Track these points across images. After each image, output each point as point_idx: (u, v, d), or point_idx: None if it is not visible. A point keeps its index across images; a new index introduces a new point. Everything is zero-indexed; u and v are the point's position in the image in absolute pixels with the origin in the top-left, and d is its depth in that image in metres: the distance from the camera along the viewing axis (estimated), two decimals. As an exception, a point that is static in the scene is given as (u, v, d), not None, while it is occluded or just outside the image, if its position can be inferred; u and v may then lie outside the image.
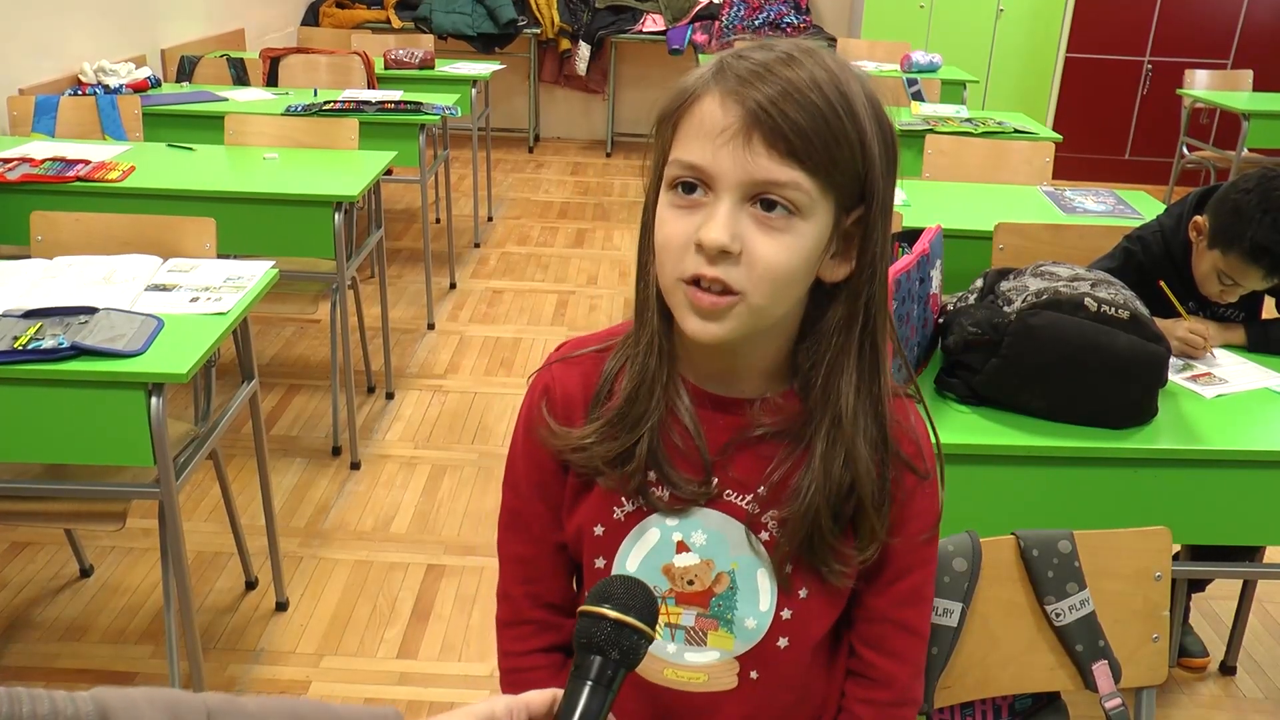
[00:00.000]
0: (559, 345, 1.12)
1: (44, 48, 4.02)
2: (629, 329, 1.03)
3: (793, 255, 0.88)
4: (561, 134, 7.84)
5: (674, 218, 0.90)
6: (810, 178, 0.86)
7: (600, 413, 1.02)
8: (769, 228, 0.88)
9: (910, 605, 1.08)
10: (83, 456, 1.98)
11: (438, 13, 6.89)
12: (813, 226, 0.89)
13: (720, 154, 0.86)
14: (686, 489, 1.01)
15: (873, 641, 1.09)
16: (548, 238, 5.52)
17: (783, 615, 1.04)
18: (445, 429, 3.50)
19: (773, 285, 0.89)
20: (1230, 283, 2.04)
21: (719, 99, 0.87)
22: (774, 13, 7.00)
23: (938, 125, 3.94)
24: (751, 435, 1.00)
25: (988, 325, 1.76)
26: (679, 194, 0.90)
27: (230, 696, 0.78)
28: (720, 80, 0.88)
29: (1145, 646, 1.31)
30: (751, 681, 1.07)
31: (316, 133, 3.54)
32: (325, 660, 2.42)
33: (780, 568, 1.02)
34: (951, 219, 2.69)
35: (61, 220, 2.48)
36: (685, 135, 0.90)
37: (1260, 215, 1.93)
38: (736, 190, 0.87)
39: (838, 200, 0.90)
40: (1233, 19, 6.81)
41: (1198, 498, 1.78)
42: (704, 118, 0.88)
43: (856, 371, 0.96)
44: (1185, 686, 2.46)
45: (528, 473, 1.09)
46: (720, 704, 1.07)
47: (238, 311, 2.11)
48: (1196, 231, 2.07)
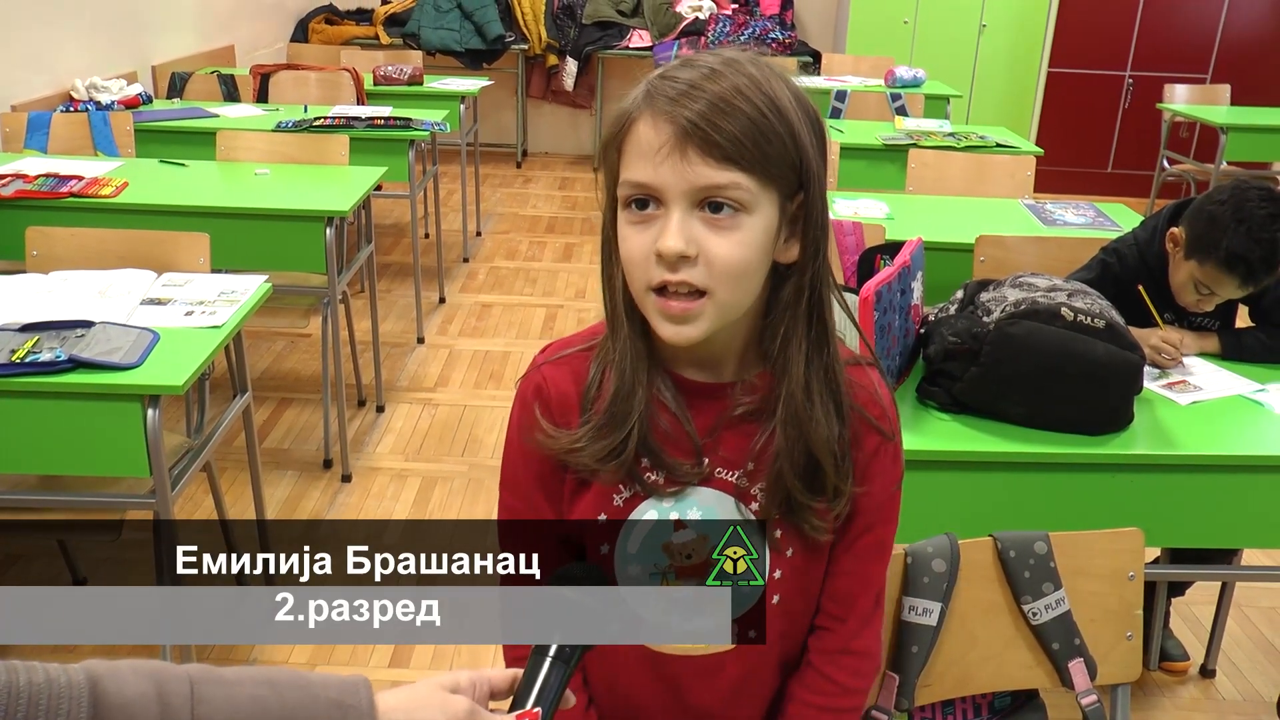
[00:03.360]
0: (544, 348, 1.17)
1: (36, 64, 4.05)
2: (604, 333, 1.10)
3: (746, 249, 0.97)
4: (549, 149, 7.89)
5: (633, 233, 0.98)
6: (748, 176, 0.95)
7: (590, 414, 1.08)
8: (720, 227, 0.96)
9: (870, 560, 1.15)
10: (79, 468, 2.01)
11: (426, 29, 6.93)
12: (759, 219, 0.97)
13: (662, 169, 0.95)
14: (679, 471, 1.08)
15: (831, 593, 1.15)
16: (536, 252, 5.56)
17: (775, 575, 1.11)
18: (435, 442, 3.53)
19: (734, 279, 0.98)
20: (1206, 292, 2.09)
21: (652, 121, 0.96)
22: (759, 28, 7.06)
23: (921, 140, 3.99)
24: (734, 415, 1.07)
25: (967, 335, 1.80)
26: (634, 211, 0.98)
27: (209, 666, 0.83)
28: (650, 103, 0.97)
29: (1120, 644, 1.35)
30: (750, 640, 1.12)
31: (307, 149, 3.57)
32: (318, 669, 2.43)
33: (770, 532, 1.09)
34: (933, 232, 2.73)
35: (57, 235, 2.51)
36: (629, 157, 0.98)
37: (1235, 225, 1.98)
38: (683, 199, 0.95)
39: (779, 190, 0.98)
40: (1211, 34, 6.90)
41: (1173, 502, 1.82)
42: (641, 139, 0.96)
43: (805, 341, 1.04)
44: (1166, 689, 2.50)
45: (526, 471, 1.14)
46: (721, 663, 1.14)
47: (232, 325, 2.14)
48: (1173, 242, 2.12)
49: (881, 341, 1.77)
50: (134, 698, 0.77)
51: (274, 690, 0.82)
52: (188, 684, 0.80)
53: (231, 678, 0.82)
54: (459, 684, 0.88)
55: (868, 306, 1.70)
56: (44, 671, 0.75)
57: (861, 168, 3.95)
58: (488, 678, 0.90)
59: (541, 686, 0.86)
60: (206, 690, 0.80)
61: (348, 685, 0.85)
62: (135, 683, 0.78)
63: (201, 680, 0.81)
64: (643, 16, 7.20)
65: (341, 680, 0.85)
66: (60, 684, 0.74)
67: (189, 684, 0.80)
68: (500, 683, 0.90)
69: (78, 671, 0.76)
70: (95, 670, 0.77)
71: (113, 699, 0.76)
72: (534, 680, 0.86)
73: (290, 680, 0.84)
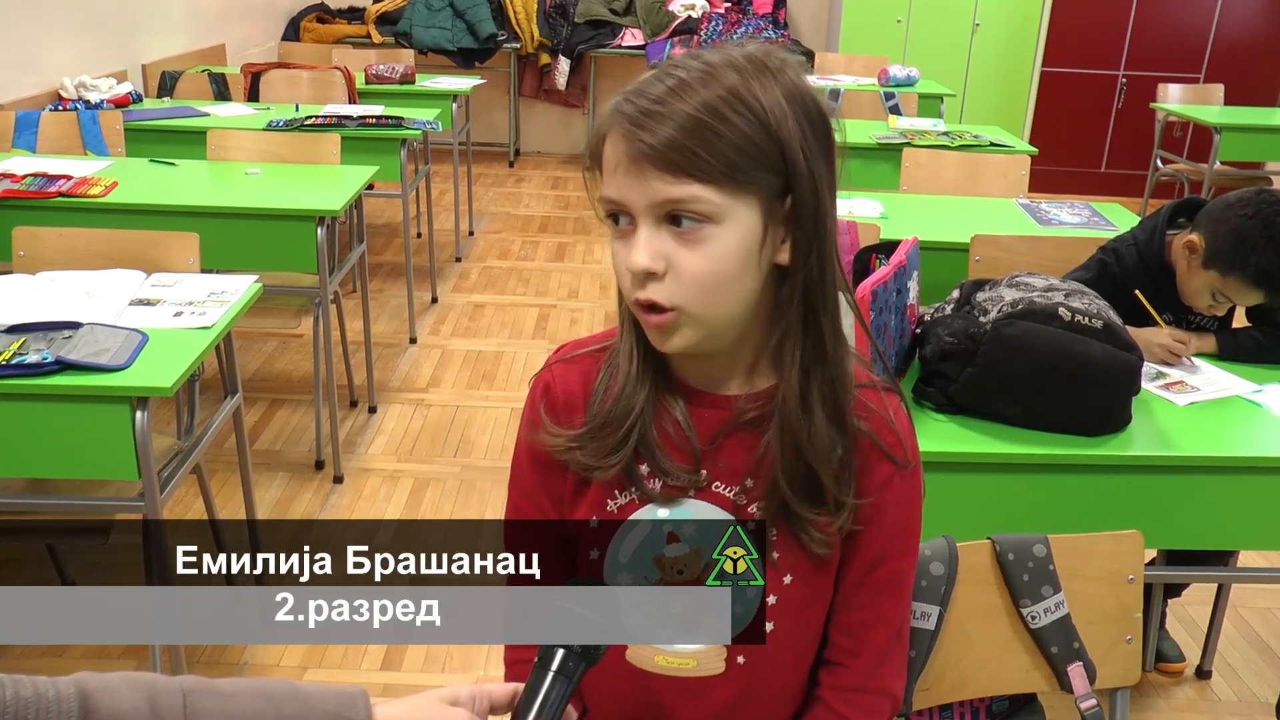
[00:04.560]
0: (559, 347, 1.16)
1: (24, 63, 4.02)
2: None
3: (715, 261, 0.94)
4: (542, 148, 7.87)
5: (618, 248, 0.98)
6: (708, 187, 0.92)
7: (594, 412, 1.07)
8: (686, 240, 0.94)
9: (885, 594, 1.11)
10: (67, 471, 1.99)
11: (418, 28, 6.91)
12: (731, 229, 0.94)
13: (623, 186, 0.94)
14: (678, 477, 1.06)
15: (844, 627, 1.12)
16: (529, 252, 5.54)
17: (769, 600, 1.08)
18: (428, 443, 3.51)
19: (705, 291, 0.95)
20: (1224, 300, 2.08)
21: (615, 139, 0.95)
22: (752, 27, 7.05)
23: (915, 139, 3.98)
24: (737, 424, 1.05)
25: (964, 335, 1.79)
26: (615, 225, 0.97)
27: (204, 678, 0.81)
28: (615, 121, 0.95)
29: (1119, 648, 1.33)
30: (739, 666, 1.10)
31: (298, 148, 3.55)
32: (310, 673, 2.42)
33: (767, 554, 1.06)
34: (928, 231, 2.73)
35: (44, 236, 2.49)
36: (604, 172, 0.97)
37: (1264, 242, 1.96)
38: (648, 214, 0.94)
39: (760, 194, 0.95)
40: (1204, 34, 6.91)
41: (1170, 503, 1.81)
42: (608, 156, 0.96)
43: (801, 347, 1.01)
44: (1162, 691, 2.49)
45: (532, 469, 1.13)
46: (709, 687, 1.11)
47: (221, 326, 2.12)
48: (1190, 250, 2.09)
49: (877, 341, 1.75)
50: (126, 711, 0.75)
51: (270, 702, 0.81)
52: (181, 696, 0.78)
53: (226, 690, 0.80)
54: (458, 697, 0.87)
55: (864, 306, 1.68)
56: (33, 685, 0.73)
57: (855, 167, 3.93)
58: (488, 691, 0.88)
59: (543, 701, 0.84)
60: (200, 703, 0.78)
61: (345, 697, 0.83)
62: (128, 696, 0.76)
63: (195, 692, 0.79)
64: (635, 15, 7.19)
65: (339, 691, 0.84)
66: (49, 698, 0.72)
67: (182, 696, 0.78)
68: (500, 697, 0.89)
69: (68, 685, 0.74)
70: (86, 684, 0.75)
71: (104, 713, 0.74)
72: (535, 695, 0.84)
73: (286, 692, 0.82)
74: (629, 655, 1.11)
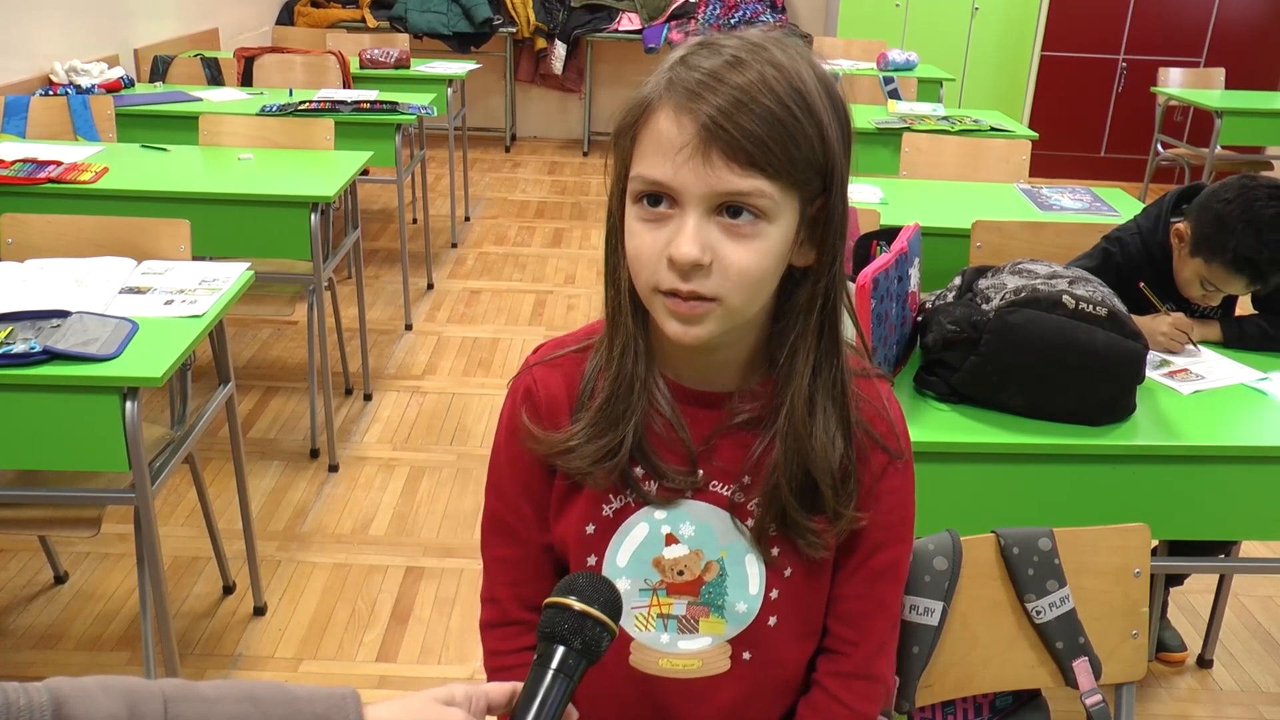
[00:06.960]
0: (537, 347, 1.12)
1: (13, 47, 3.98)
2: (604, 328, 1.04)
3: (763, 258, 0.91)
4: (538, 133, 7.82)
5: (643, 230, 0.92)
6: (772, 182, 0.88)
7: (584, 414, 1.03)
8: (738, 234, 0.89)
9: (882, 582, 1.10)
10: (57, 462, 1.96)
11: (413, 12, 6.86)
12: (779, 226, 0.91)
13: (682, 171, 0.88)
14: (674, 479, 1.03)
15: (841, 616, 1.11)
16: (525, 237, 5.51)
17: (771, 595, 1.06)
18: (423, 430, 3.49)
19: (748, 288, 0.91)
20: (1212, 288, 2.06)
21: (673, 114, 0.88)
22: (749, 11, 7.00)
23: (914, 123, 3.95)
24: (732, 424, 1.02)
25: (966, 323, 1.76)
26: (645, 207, 0.91)
27: (186, 682, 0.78)
28: (671, 94, 0.89)
29: (1125, 643, 1.31)
30: (744, 662, 1.09)
31: (292, 133, 3.51)
32: (304, 665, 2.40)
33: (766, 550, 1.05)
34: (929, 217, 2.70)
35: (33, 223, 2.45)
36: (644, 149, 0.91)
37: (1243, 227, 1.94)
38: (702, 203, 0.88)
39: (801, 194, 0.92)
40: (1205, 18, 6.86)
41: (1175, 493, 1.78)
42: (660, 134, 0.89)
43: (815, 352, 0.98)
44: (1163, 680, 2.47)
45: (512, 476, 1.09)
46: (716, 687, 1.09)
47: (213, 314, 2.09)
48: (1179, 238, 2.08)
49: (878, 330, 1.72)
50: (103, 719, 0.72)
51: (256, 707, 0.77)
52: (162, 703, 0.74)
53: (210, 694, 0.77)
54: (454, 697, 0.84)
55: (865, 294, 1.65)
56: (1, 693, 0.70)
57: (854, 152, 3.87)
58: (485, 691, 0.85)
59: (542, 701, 0.80)
60: (182, 709, 0.75)
61: (335, 699, 0.80)
62: (104, 703, 0.72)
63: (177, 698, 0.75)
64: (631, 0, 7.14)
65: (329, 693, 0.81)
66: (19, 706, 0.69)
67: (163, 703, 0.74)
68: (498, 696, 0.86)
69: (40, 691, 0.71)
70: (60, 690, 0.72)
71: None
72: (535, 694, 0.80)
73: (274, 695, 0.79)
74: (632, 660, 1.09)
